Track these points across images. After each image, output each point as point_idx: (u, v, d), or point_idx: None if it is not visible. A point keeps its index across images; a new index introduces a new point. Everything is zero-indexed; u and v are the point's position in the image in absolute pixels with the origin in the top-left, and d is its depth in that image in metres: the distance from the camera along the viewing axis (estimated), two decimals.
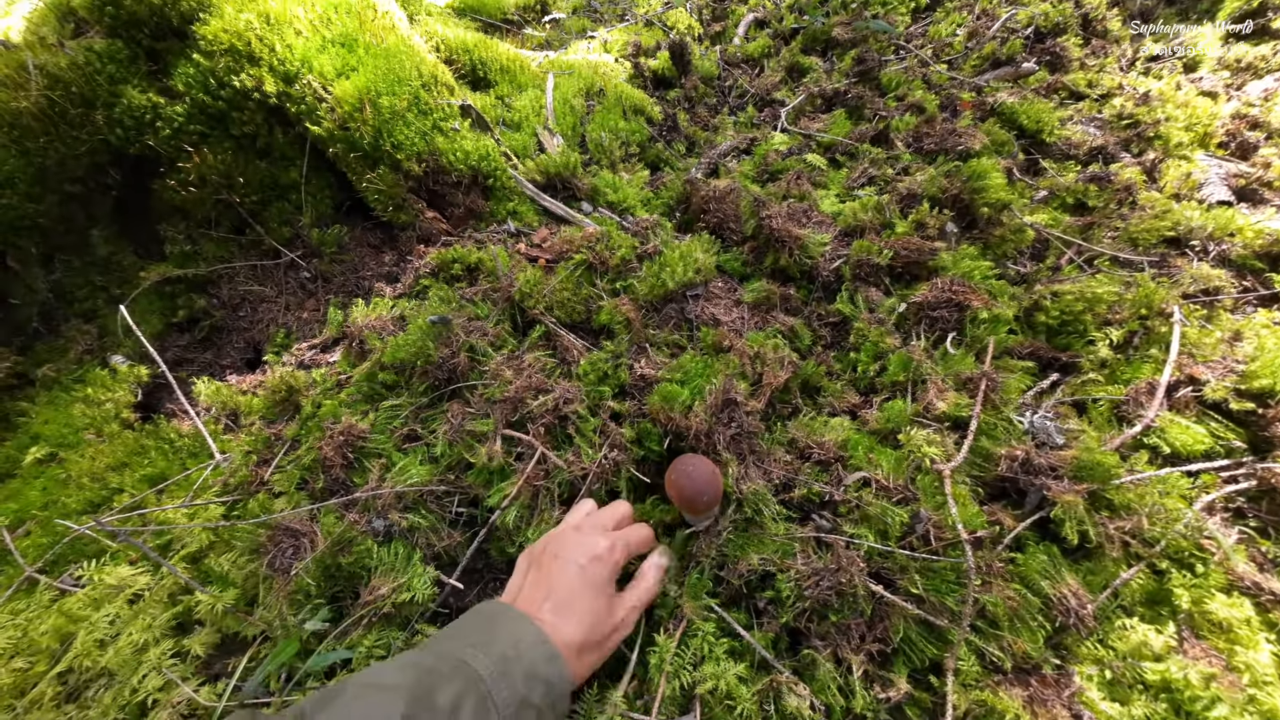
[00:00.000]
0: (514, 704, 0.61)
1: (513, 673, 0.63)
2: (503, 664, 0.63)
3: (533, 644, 0.67)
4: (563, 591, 0.75)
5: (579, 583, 0.77)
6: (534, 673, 0.65)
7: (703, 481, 0.86)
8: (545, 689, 0.65)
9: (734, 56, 2.47)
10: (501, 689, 0.61)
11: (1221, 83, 1.92)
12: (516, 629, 0.69)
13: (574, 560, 0.79)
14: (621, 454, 1.03)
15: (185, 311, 1.47)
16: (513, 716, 0.61)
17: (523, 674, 0.64)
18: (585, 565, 0.78)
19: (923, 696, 0.85)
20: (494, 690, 0.60)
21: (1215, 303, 1.26)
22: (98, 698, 0.92)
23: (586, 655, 0.73)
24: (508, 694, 0.61)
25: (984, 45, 2.18)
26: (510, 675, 0.63)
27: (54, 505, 1.15)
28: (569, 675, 0.68)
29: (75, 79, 1.28)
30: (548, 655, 0.67)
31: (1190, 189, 1.58)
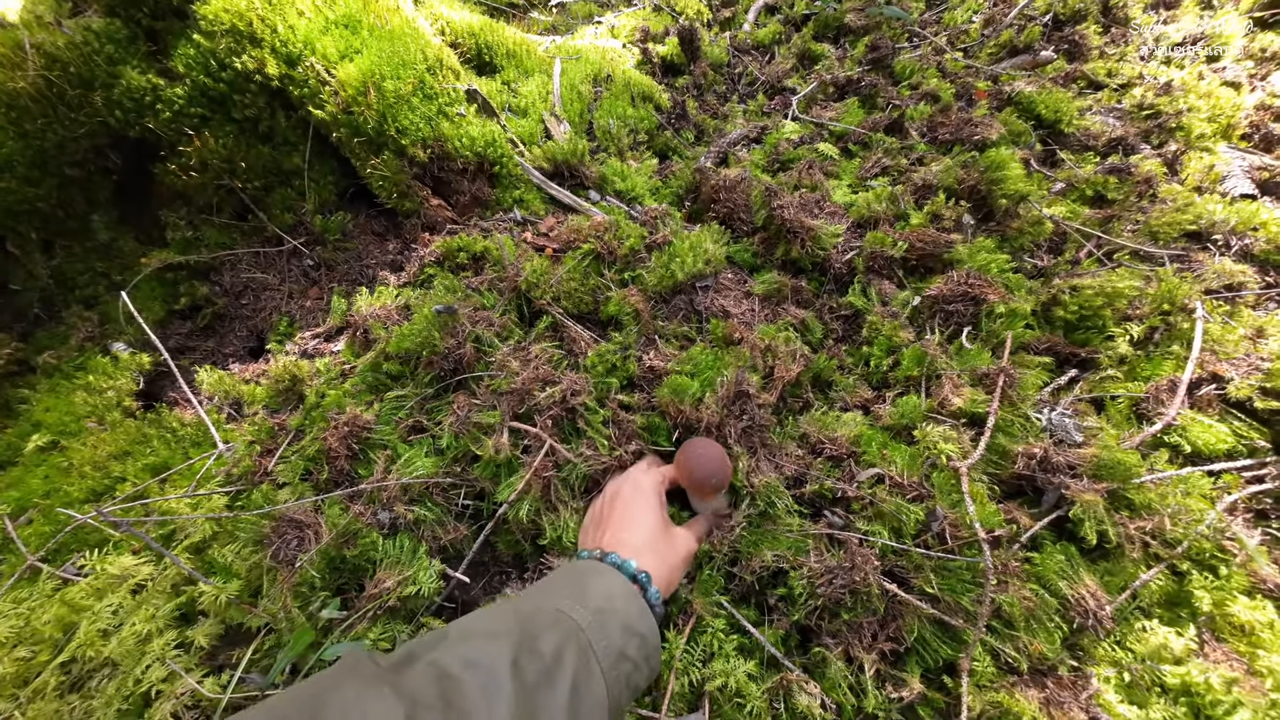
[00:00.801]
0: (612, 654, 0.62)
1: (609, 625, 0.64)
2: (599, 616, 0.64)
3: (625, 597, 0.69)
4: (623, 520, 0.82)
5: (635, 512, 0.83)
6: (629, 626, 0.66)
7: (713, 463, 0.85)
8: (640, 642, 0.66)
9: (744, 43, 2.41)
10: (600, 639, 0.62)
11: (1245, 73, 1.87)
12: (608, 583, 0.70)
13: (620, 491, 0.88)
14: (640, 444, 1.02)
15: (187, 299, 1.45)
16: (612, 666, 0.62)
17: (619, 626, 0.65)
18: (630, 492, 0.86)
19: (936, 697, 0.83)
20: (594, 640, 0.61)
21: (1238, 299, 1.23)
22: (101, 688, 0.92)
23: (670, 584, 0.78)
24: (606, 644, 0.62)
25: (1001, 32, 2.12)
26: (607, 627, 0.63)
27: (56, 494, 1.14)
28: (659, 628, 0.70)
29: (73, 59, 1.25)
30: (640, 610, 0.69)
31: (1212, 182, 1.54)
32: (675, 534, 0.84)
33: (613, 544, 0.79)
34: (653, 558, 0.77)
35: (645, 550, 0.77)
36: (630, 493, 0.86)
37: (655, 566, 0.76)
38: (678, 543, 0.83)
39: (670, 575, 0.79)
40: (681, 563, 0.82)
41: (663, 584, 0.76)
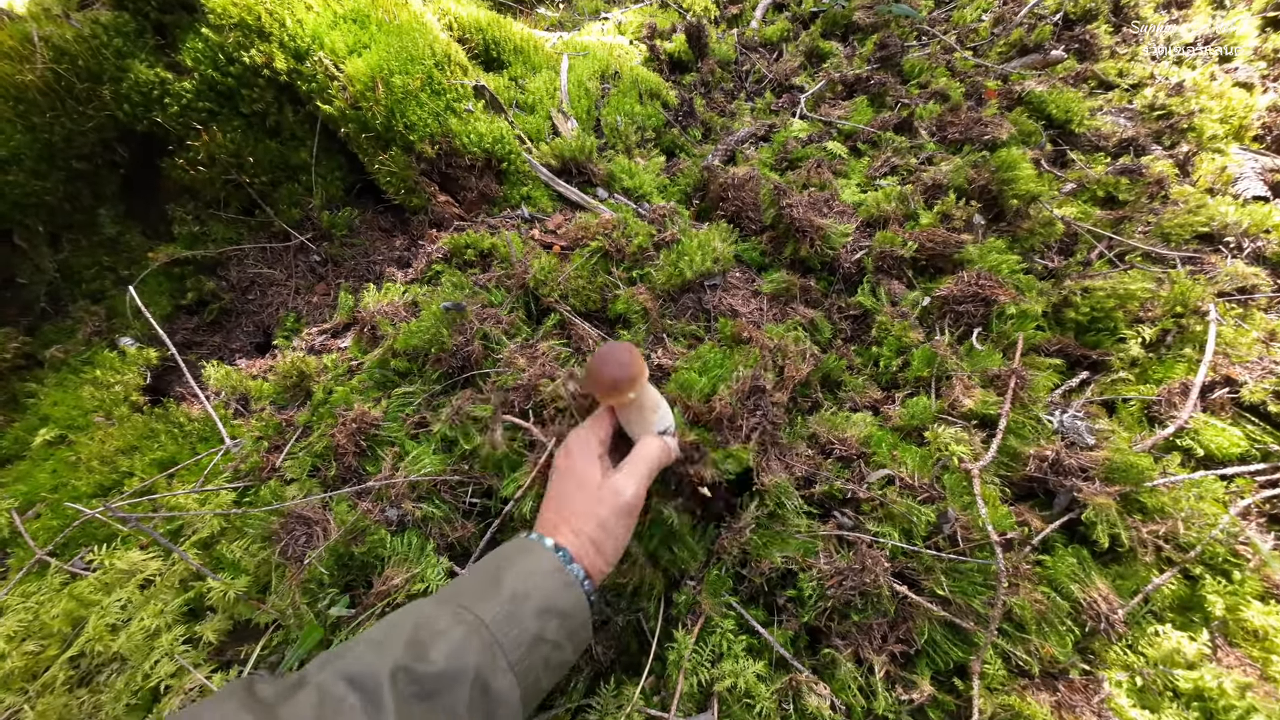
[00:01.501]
0: (524, 643, 0.60)
1: (521, 613, 0.62)
2: (511, 604, 0.62)
3: (546, 574, 0.66)
4: (557, 492, 0.77)
5: (566, 479, 0.77)
6: (547, 607, 0.63)
7: (614, 360, 0.76)
8: (560, 621, 0.64)
9: (751, 40, 2.40)
10: (509, 631, 0.60)
11: (1258, 74, 1.86)
12: (529, 563, 0.67)
13: (557, 463, 0.80)
14: None
15: (194, 294, 1.45)
16: (524, 656, 0.60)
17: (533, 611, 0.62)
18: (564, 461, 0.79)
19: (946, 699, 0.83)
20: (499, 634, 0.59)
21: (1251, 302, 1.23)
22: (109, 682, 0.92)
23: (602, 547, 0.72)
24: (516, 634, 0.60)
25: (1011, 31, 2.11)
26: (518, 615, 0.61)
27: (64, 488, 1.14)
28: (587, 601, 0.67)
29: (81, 52, 1.25)
30: (564, 583, 0.66)
31: (1224, 183, 1.53)
32: (607, 488, 0.75)
33: (539, 523, 0.76)
34: (574, 534, 0.71)
35: (566, 525, 0.72)
36: (561, 463, 0.80)
37: (573, 541, 0.71)
38: (610, 497, 0.74)
39: (600, 544, 0.72)
40: (616, 518, 0.73)
41: (589, 558, 0.70)
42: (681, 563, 0.91)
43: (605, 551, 0.72)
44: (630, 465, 0.77)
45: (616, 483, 0.75)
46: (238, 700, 0.50)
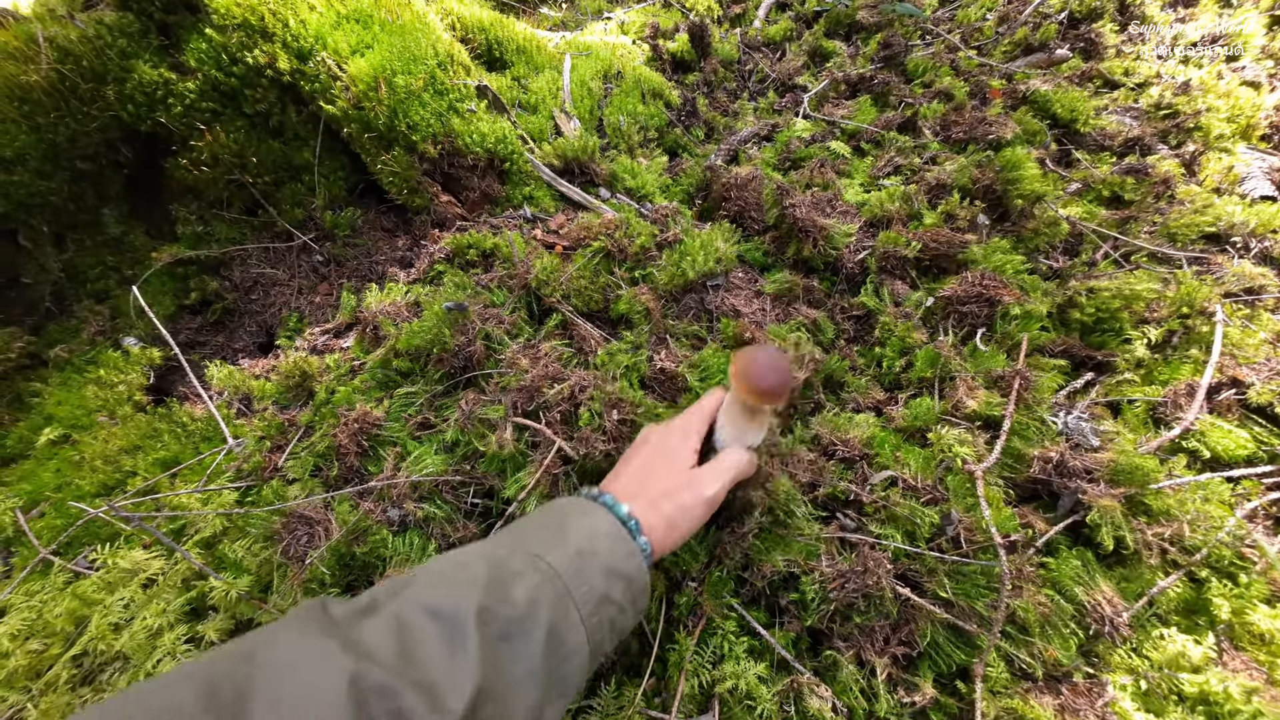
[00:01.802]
0: (593, 600, 0.59)
1: (590, 569, 0.60)
2: (580, 559, 0.60)
3: (610, 537, 0.65)
4: (643, 464, 0.78)
5: (657, 453, 0.79)
6: (613, 568, 0.62)
7: (775, 369, 0.73)
8: (625, 585, 0.62)
9: (754, 40, 2.40)
10: (579, 585, 0.58)
11: (1265, 73, 1.84)
12: (592, 522, 0.66)
13: (648, 437, 0.83)
14: None
15: (197, 293, 1.45)
16: (593, 612, 0.58)
17: (601, 570, 0.61)
18: (658, 438, 0.81)
19: (949, 702, 0.82)
20: (572, 586, 0.58)
21: (1257, 302, 1.22)
22: (112, 681, 0.92)
23: (672, 530, 0.71)
24: (587, 589, 0.59)
25: (1015, 30, 2.10)
26: (587, 572, 0.60)
27: (67, 487, 1.14)
28: (647, 569, 0.66)
29: (86, 52, 1.25)
30: (626, 551, 0.64)
31: (1231, 183, 1.52)
32: (695, 477, 0.76)
33: (613, 486, 0.75)
34: (651, 507, 0.70)
35: (644, 497, 0.72)
36: (657, 439, 0.81)
37: (648, 514, 0.69)
38: (696, 486, 0.74)
39: (674, 523, 0.71)
40: (696, 506, 0.73)
41: (659, 533, 0.69)
42: (684, 565, 0.91)
43: (675, 533, 0.71)
44: (718, 465, 0.78)
45: (704, 475, 0.75)
46: (316, 623, 0.47)
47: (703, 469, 0.77)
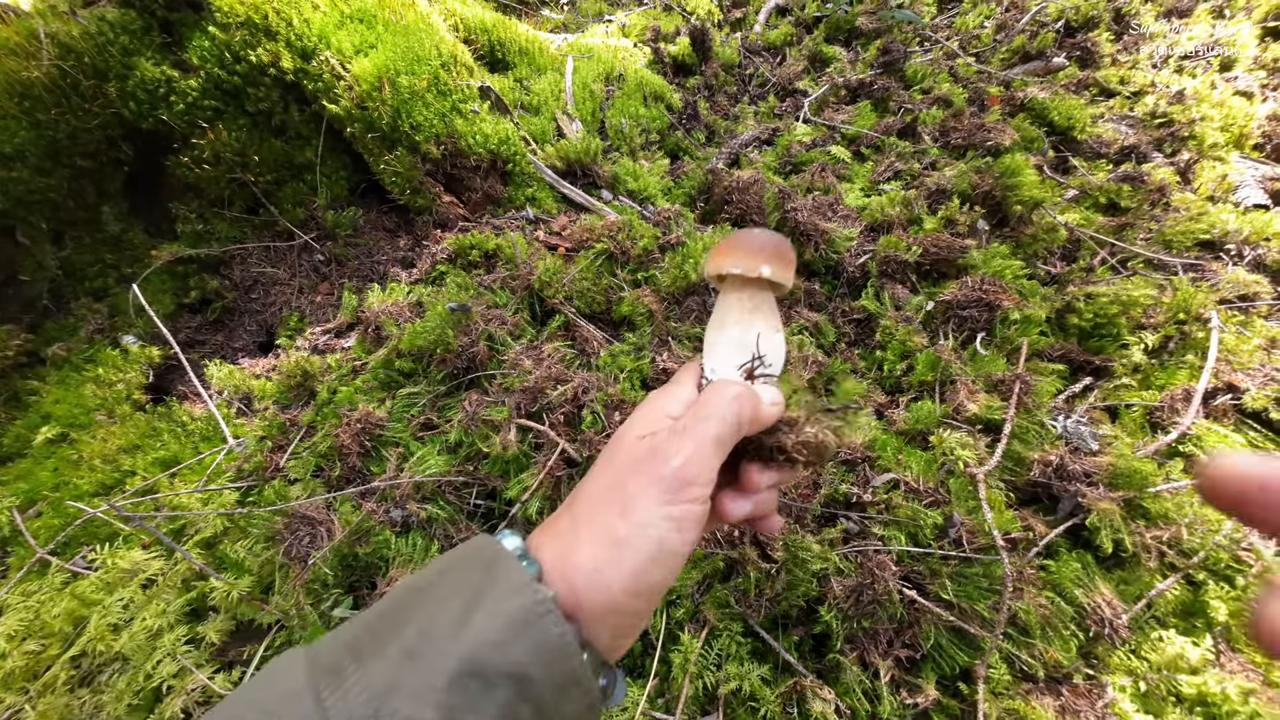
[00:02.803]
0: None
1: (414, 683, 0.34)
2: (399, 668, 0.34)
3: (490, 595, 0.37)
4: (584, 497, 0.46)
5: (605, 452, 0.48)
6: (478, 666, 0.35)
7: (764, 236, 0.55)
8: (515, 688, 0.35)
9: (755, 44, 2.41)
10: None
11: (1257, 83, 1.87)
12: (496, 595, 0.37)
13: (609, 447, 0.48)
14: None
15: (197, 292, 1.44)
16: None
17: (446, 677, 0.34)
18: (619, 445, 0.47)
19: (950, 704, 0.83)
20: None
21: (1251, 309, 1.23)
22: (111, 682, 0.91)
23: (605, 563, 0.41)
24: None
25: (1013, 39, 2.12)
26: (406, 687, 0.33)
27: (65, 486, 1.13)
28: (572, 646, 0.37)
29: (88, 49, 1.24)
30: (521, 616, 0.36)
31: (1225, 191, 1.54)
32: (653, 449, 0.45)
33: (548, 527, 0.46)
34: (564, 531, 0.43)
35: (567, 515, 0.45)
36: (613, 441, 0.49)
37: (553, 546, 0.42)
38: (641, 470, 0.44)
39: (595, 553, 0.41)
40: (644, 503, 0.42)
41: (567, 572, 0.41)
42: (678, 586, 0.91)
43: (607, 573, 0.40)
44: (689, 419, 0.45)
45: (659, 445, 0.44)
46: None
47: (659, 434, 0.45)
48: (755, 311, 0.54)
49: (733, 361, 0.53)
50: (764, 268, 0.51)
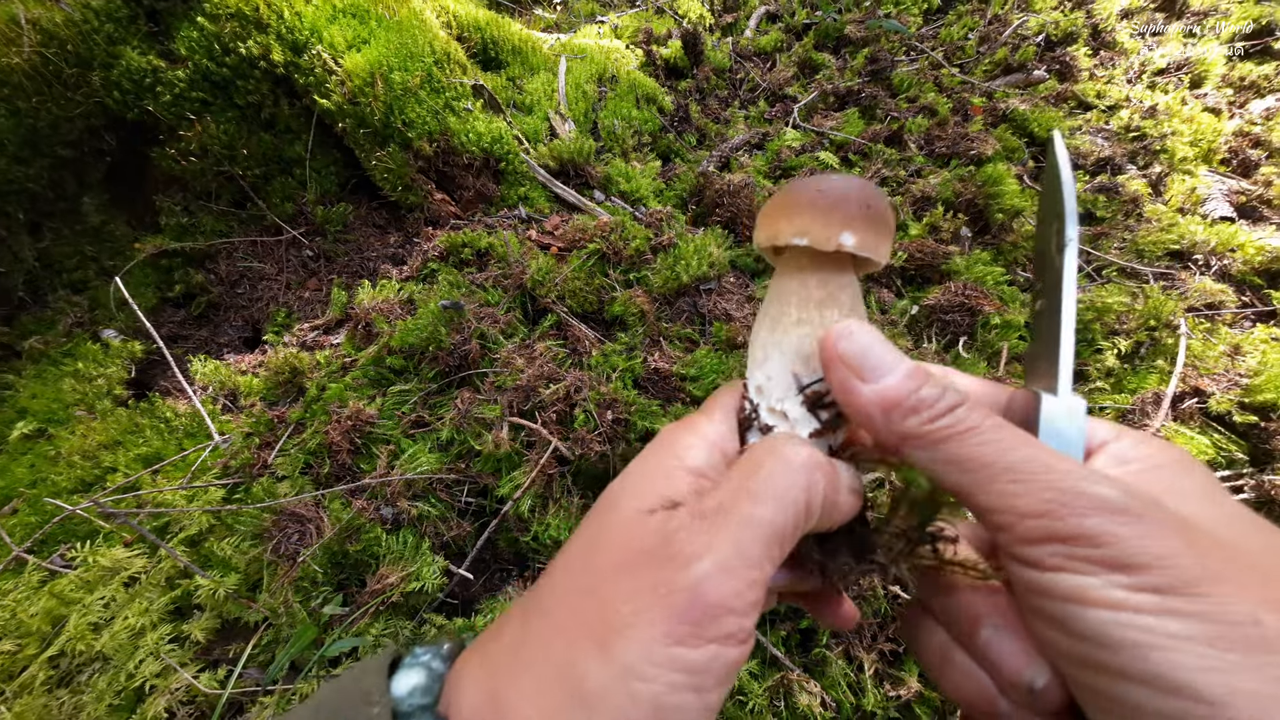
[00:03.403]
0: None
1: None
2: None
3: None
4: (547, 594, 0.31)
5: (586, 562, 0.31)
6: None
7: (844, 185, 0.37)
8: None
9: (746, 49, 2.44)
10: None
11: (1225, 100, 1.95)
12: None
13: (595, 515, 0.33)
14: None
15: (181, 286, 1.42)
16: None
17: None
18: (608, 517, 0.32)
19: (932, 695, 0.86)
20: None
21: (1217, 317, 1.29)
22: (91, 682, 0.89)
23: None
24: None
25: (996, 50, 2.18)
26: None
27: (43, 483, 1.11)
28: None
29: (71, 36, 1.22)
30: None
31: (1194, 203, 1.61)
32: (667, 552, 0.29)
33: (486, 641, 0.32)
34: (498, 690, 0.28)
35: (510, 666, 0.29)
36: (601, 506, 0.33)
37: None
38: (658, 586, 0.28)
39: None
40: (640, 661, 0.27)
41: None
42: None
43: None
44: (727, 495, 0.30)
45: (674, 535, 0.29)
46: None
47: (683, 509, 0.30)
48: (828, 304, 0.36)
49: (792, 384, 0.35)
50: (844, 235, 0.34)
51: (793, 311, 0.37)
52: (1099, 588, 0.25)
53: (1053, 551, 0.26)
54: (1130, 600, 0.24)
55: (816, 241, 0.34)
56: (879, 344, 0.32)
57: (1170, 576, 0.24)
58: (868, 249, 0.34)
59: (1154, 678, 0.24)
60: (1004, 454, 0.28)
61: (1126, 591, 0.25)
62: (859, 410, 0.32)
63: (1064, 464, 0.27)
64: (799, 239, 0.35)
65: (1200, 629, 0.23)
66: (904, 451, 0.30)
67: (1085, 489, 0.26)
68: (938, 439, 0.29)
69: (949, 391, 0.30)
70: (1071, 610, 0.26)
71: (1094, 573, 0.25)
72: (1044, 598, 0.27)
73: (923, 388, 0.30)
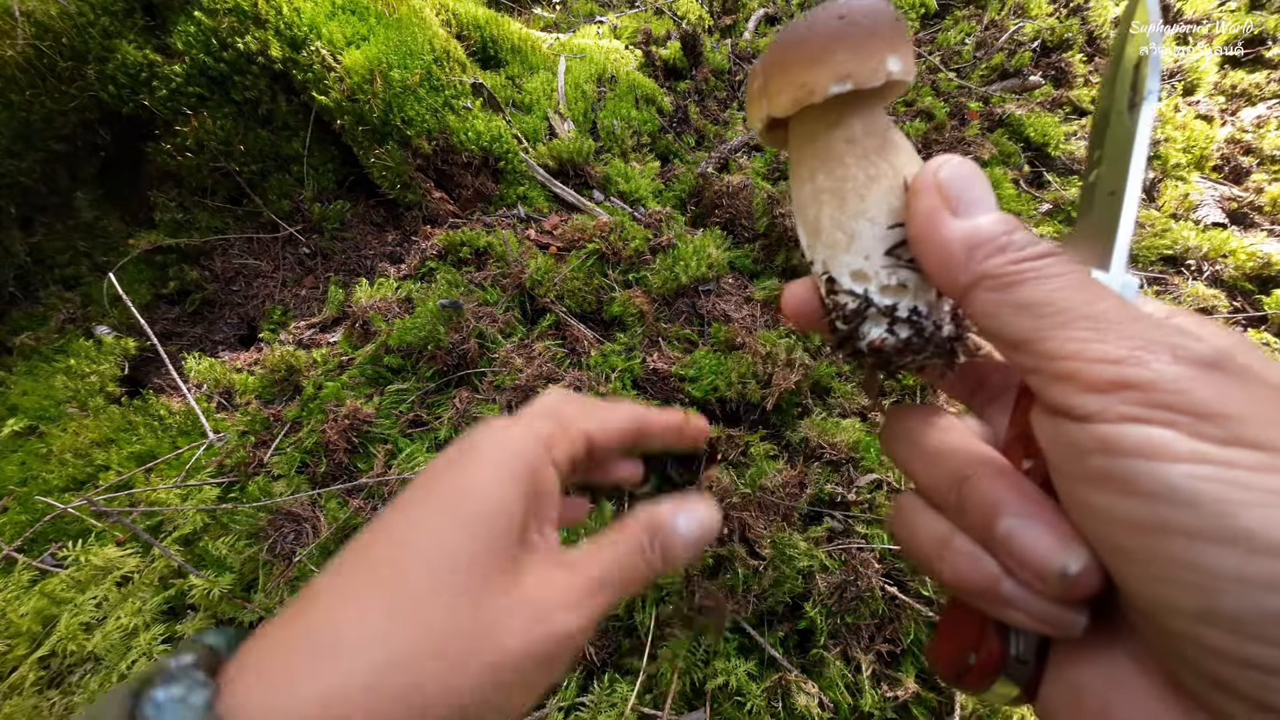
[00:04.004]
0: None
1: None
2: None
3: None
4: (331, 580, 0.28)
5: (378, 542, 0.29)
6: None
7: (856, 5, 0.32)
8: None
9: (745, 51, 2.45)
10: None
11: (1217, 107, 1.98)
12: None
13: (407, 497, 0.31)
14: None
15: (175, 283, 1.41)
16: None
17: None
18: (414, 491, 0.31)
19: (929, 696, 0.86)
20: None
21: None
22: (83, 683, 0.88)
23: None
24: None
25: (992, 56, 2.20)
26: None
27: (33, 481, 1.09)
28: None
29: (66, 29, 1.20)
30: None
31: (1187, 209, 1.63)
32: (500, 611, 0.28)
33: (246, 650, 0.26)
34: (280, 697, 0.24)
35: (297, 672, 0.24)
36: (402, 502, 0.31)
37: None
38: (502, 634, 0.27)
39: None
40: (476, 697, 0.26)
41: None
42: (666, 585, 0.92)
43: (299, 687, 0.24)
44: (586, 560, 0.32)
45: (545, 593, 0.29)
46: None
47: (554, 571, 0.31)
48: (886, 150, 0.32)
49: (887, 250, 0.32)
50: (890, 61, 0.30)
51: (856, 172, 0.32)
52: (1178, 440, 0.22)
53: (1125, 399, 0.23)
54: (1217, 454, 0.22)
55: (862, 80, 0.29)
56: (983, 181, 0.29)
57: (1269, 431, 0.21)
58: (909, 70, 0.30)
59: (1246, 537, 0.21)
60: (1088, 304, 0.25)
61: (1213, 445, 0.22)
62: (941, 245, 0.29)
63: (1153, 318, 0.25)
64: (840, 85, 0.29)
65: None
66: (971, 296, 0.28)
67: (1172, 340, 0.24)
68: (1020, 279, 0.27)
69: (1044, 241, 0.28)
70: (1141, 466, 0.22)
71: (1174, 424, 0.22)
72: (1105, 455, 0.23)
73: (1016, 231, 0.28)
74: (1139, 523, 0.23)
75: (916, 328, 0.32)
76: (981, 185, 0.29)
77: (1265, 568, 0.20)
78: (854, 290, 0.32)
